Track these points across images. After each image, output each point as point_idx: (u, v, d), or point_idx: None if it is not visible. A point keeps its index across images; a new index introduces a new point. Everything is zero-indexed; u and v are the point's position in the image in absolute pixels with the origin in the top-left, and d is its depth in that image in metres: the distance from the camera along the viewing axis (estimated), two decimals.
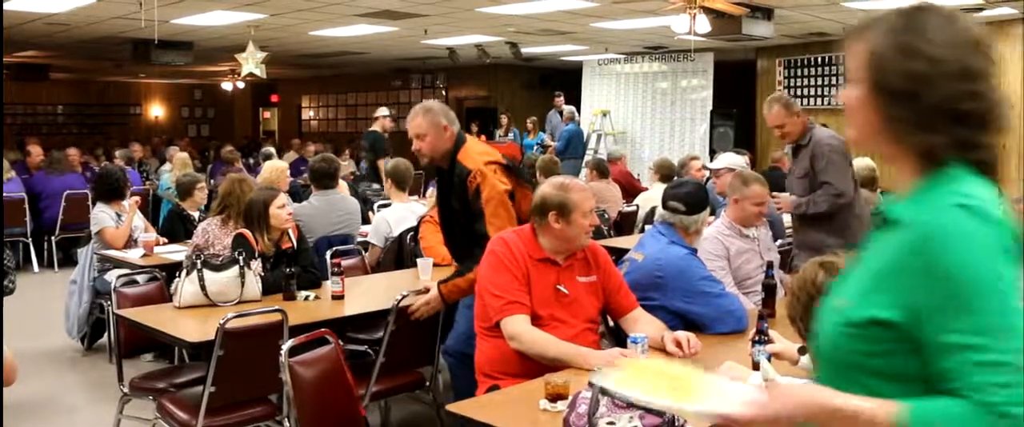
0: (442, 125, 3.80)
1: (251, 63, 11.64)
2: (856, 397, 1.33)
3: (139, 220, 6.29)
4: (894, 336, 1.33)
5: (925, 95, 1.37)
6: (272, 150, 12.34)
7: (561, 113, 14.21)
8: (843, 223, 5.00)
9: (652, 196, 7.83)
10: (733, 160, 6.82)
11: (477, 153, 3.80)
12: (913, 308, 1.30)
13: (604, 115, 14.89)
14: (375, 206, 7.59)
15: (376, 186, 9.22)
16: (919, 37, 1.40)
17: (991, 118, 1.42)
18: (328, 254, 4.95)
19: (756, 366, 2.58)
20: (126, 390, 3.94)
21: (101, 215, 6.05)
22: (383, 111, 10.60)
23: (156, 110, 22.94)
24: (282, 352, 2.86)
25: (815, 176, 5.06)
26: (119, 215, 6.13)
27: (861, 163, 7.03)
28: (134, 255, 5.71)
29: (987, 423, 1.21)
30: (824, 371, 1.44)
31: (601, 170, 8.57)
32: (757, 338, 2.66)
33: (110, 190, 6.23)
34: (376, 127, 10.45)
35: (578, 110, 15.02)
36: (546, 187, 3.31)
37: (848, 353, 1.39)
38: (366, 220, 6.78)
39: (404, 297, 3.78)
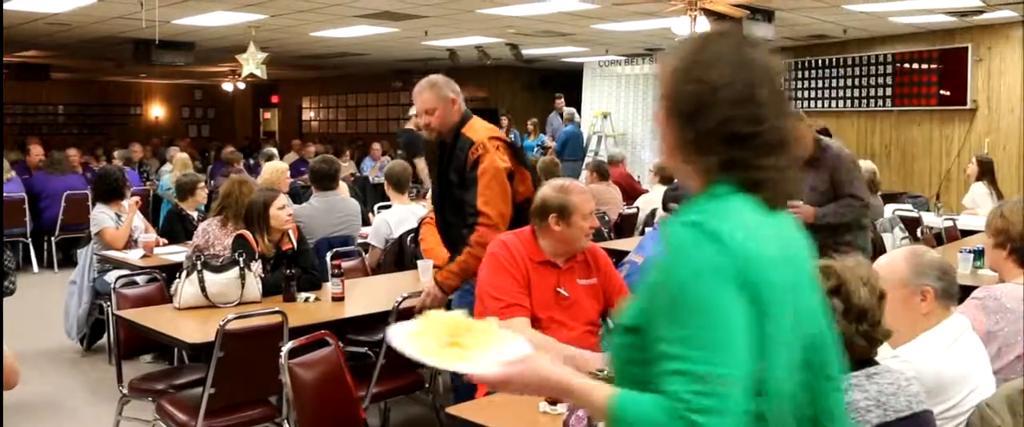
0: (450, 98, 3.82)
1: (252, 64, 11.64)
2: (589, 381, 1.45)
3: (139, 220, 6.29)
4: (640, 343, 1.40)
5: (704, 117, 1.44)
6: (274, 151, 12.33)
7: (562, 115, 14.23)
8: (857, 225, 4.96)
9: (652, 198, 7.83)
10: None
11: (483, 128, 3.83)
12: (648, 316, 1.39)
13: (604, 117, 14.89)
14: (375, 208, 7.59)
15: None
16: (703, 63, 1.46)
17: (769, 141, 1.45)
18: (328, 255, 4.95)
19: None
20: (125, 391, 3.94)
21: (101, 216, 6.05)
22: (576, 112, 10.72)
23: (156, 110, 22.94)
24: (282, 354, 2.86)
25: (834, 189, 4.98)
26: (119, 216, 6.13)
27: (864, 165, 7.03)
28: (134, 256, 5.71)
29: (674, 424, 1.29)
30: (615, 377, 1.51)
31: (601, 172, 8.57)
32: None
33: (109, 191, 6.23)
34: (411, 125, 10.50)
35: (578, 112, 15.03)
36: (547, 189, 3.30)
37: (617, 359, 1.50)
38: (366, 221, 6.78)
39: (404, 299, 3.78)
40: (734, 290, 1.33)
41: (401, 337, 1.56)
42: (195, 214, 6.43)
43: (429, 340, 1.55)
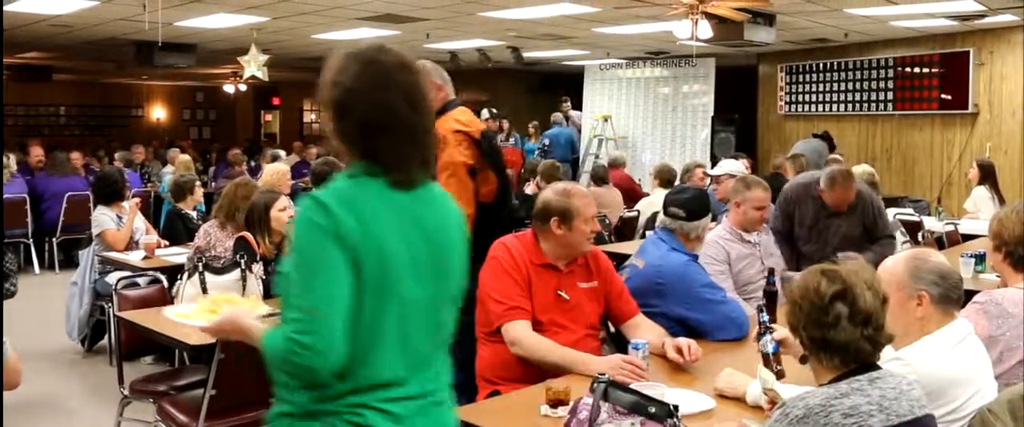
0: (436, 85, 3.67)
1: (253, 66, 11.65)
2: (262, 326, 1.90)
3: (140, 222, 6.30)
4: (287, 286, 1.85)
5: (346, 115, 1.86)
6: (282, 152, 12.33)
7: (567, 118, 14.32)
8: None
9: (653, 201, 7.83)
10: (733, 166, 6.83)
11: (453, 119, 3.61)
12: (289, 264, 1.81)
13: (605, 120, 14.90)
14: None
15: None
16: (344, 73, 1.86)
17: (400, 135, 1.86)
18: None
19: (766, 359, 2.58)
20: (126, 392, 3.94)
21: (102, 217, 6.06)
22: (485, 113, 10.74)
23: (158, 112, 22.95)
24: None
25: (868, 232, 5.20)
26: (120, 217, 6.14)
27: (861, 169, 7.03)
28: (135, 257, 5.71)
29: (286, 346, 1.72)
30: None
31: (598, 177, 8.57)
32: (761, 330, 2.66)
33: (110, 192, 6.24)
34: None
35: (580, 114, 15.05)
36: (549, 192, 3.30)
37: (281, 299, 1.90)
38: None
39: None
40: (334, 246, 1.73)
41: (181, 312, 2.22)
42: (194, 214, 6.44)
43: (200, 311, 2.18)
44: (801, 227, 5.33)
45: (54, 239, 9.21)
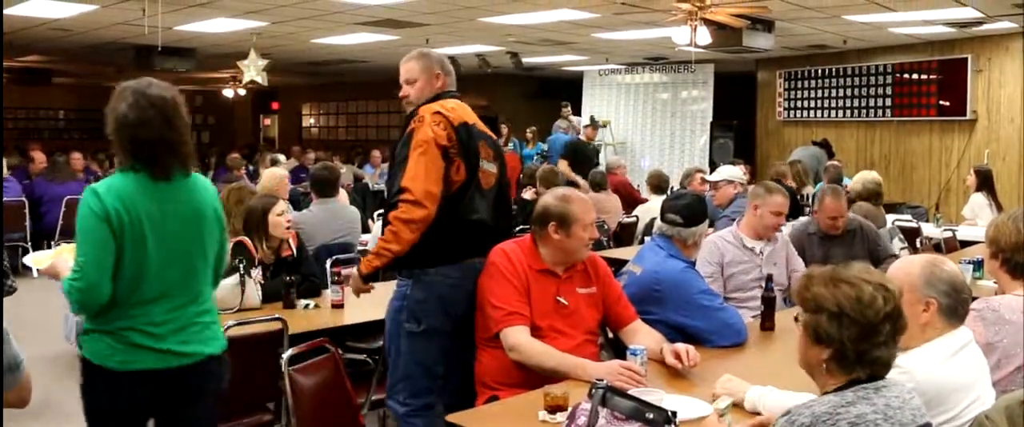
0: (435, 73, 3.50)
1: (252, 70, 11.67)
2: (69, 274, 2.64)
3: None
4: None
5: (117, 132, 2.63)
6: (281, 157, 12.32)
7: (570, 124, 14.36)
8: None
9: (651, 207, 7.83)
10: (732, 172, 6.83)
11: (438, 104, 3.40)
12: None
13: (604, 125, 14.91)
14: (375, 215, 7.59)
15: None
16: (121, 103, 2.65)
17: (158, 145, 2.61)
18: (328, 262, 4.95)
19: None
20: None
21: None
22: (583, 120, 10.78)
23: None
24: (282, 360, 2.86)
25: (872, 257, 5.20)
26: None
27: (868, 176, 7.04)
28: None
29: (67, 287, 2.57)
30: None
31: (596, 183, 8.57)
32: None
33: None
34: (582, 136, 10.68)
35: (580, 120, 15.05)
36: (548, 197, 3.32)
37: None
38: (366, 229, 6.79)
39: None
40: (101, 223, 2.52)
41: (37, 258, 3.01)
42: None
43: (47, 257, 2.82)
44: (812, 262, 5.30)
45: (53, 242, 9.20)
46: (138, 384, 2.60)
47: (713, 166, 11.69)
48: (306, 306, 4.22)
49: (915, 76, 11.87)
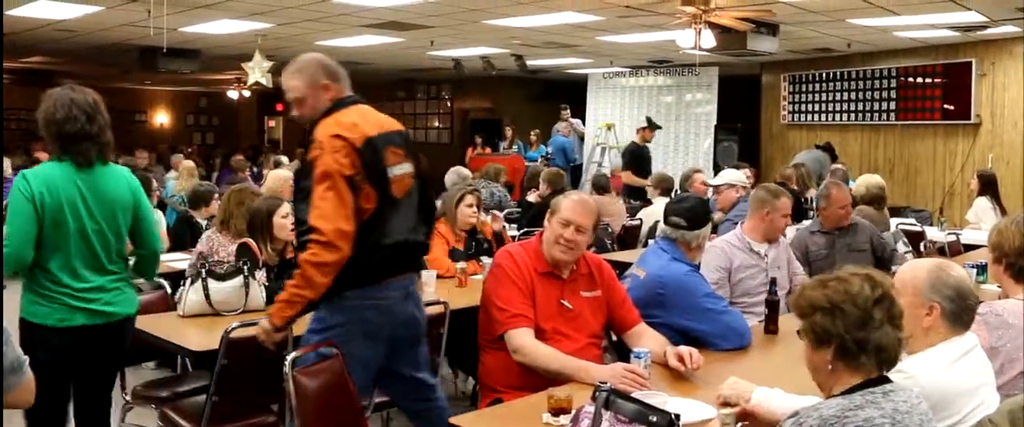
0: (321, 84, 3.17)
1: (257, 72, 11.68)
2: None
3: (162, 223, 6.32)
4: None
5: (46, 128, 3.20)
6: (284, 159, 12.34)
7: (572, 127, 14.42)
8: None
9: (655, 210, 7.82)
10: (734, 176, 6.82)
11: (335, 122, 3.07)
12: None
13: (608, 128, 14.91)
14: None
15: (636, 203, 9.27)
16: (49, 104, 3.20)
17: (80, 139, 3.19)
18: None
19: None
20: (128, 398, 3.94)
21: None
22: (583, 123, 10.84)
23: (161, 117, 22.99)
24: (286, 362, 2.87)
25: (874, 251, 5.38)
26: None
27: (871, 180, 7.04)
28: None
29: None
30: None
31: (599, 186, 8.57)
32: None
33: None
34: (636, 138, 10.70)
35: (583, 122, 15.06)
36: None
37: None
38: None
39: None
40: (26, 203, 3.07)
41: None
42: (205, 222, 6.45)
43: None
44: (818, 261, 5.31)
45: None
46: (70, 337, 3.18)
47: (718, 169, 11.69)
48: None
49: (919, 80, 11.86)
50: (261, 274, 4.21)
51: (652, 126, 11.50)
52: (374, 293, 3.14)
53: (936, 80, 11.65)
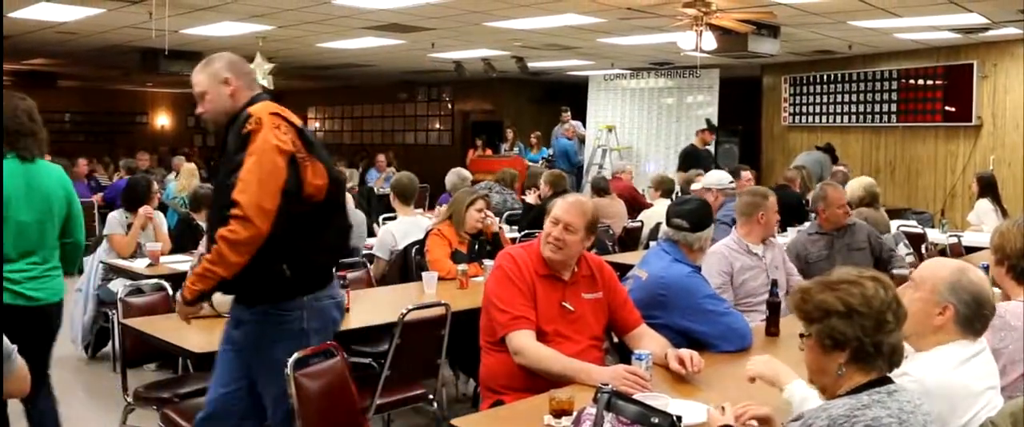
0: (222, 78, 3.11)
1: (259, 74, 11.67)
2: None
3: (152, 231, 6.34)
4: None
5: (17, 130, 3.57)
6: None
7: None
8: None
9: (656, 212, 7.83)
10: (717, 178, 6.76)
11: (269, 106, 3.02)
12: None
13: (609, 130, 14.91)
14: (380, 219, 7.60)
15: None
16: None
17: (22, 135, 3.54)
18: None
19: None
20: (130, 400, 3.95)
21: (113, 220, 6.19)
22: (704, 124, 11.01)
23: (162, 119, 23.00)
24: (287, 364, 2.87)
25: (873, 251, 5.41)
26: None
27: (864, 181, 7.03)
28: (140, 265, 5.73)
29: None
30: None
31: (599, 188, 8.57)
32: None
33: (132, 198, 6.31)
34: (695, 141, 10.70)
35: (583, 124, 15.06)
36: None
37: None
38: (371, 233, 6.80)
39: (409, 311, 3.79)
40: None
41: None
42: (206, 224, 6.47)
43: None
44: (818, 262, 5.31)
45: None
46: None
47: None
48: None
49: (920, 82, 11.86)
50: None
51: (711, 128, 11.49)
52: (333, 290, 3.20)
53: (937, 82, 11.65)
